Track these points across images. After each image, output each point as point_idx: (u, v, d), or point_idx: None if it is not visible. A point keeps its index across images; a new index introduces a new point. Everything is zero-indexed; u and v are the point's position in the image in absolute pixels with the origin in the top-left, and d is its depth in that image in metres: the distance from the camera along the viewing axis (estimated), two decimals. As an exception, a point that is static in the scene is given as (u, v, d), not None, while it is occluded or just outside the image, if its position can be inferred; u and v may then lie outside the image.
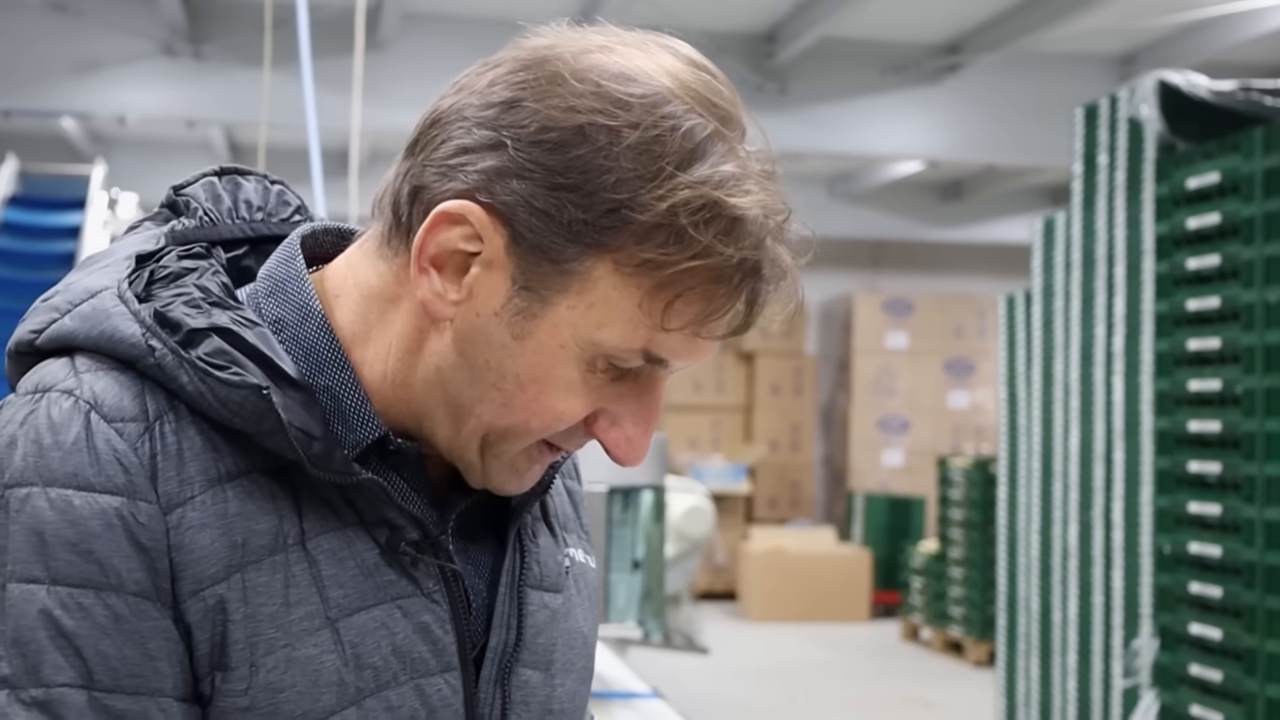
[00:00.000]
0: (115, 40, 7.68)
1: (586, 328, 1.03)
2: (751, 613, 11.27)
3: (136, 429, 1.02)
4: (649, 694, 2.92)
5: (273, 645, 1.02)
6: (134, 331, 1.04)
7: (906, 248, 13.70)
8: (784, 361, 13.11)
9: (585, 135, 1.01)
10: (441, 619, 1.10)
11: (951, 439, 12.85)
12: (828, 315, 13.73)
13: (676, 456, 12.57)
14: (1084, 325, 5.03)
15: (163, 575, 1.00)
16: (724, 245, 1.00)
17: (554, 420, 1.06)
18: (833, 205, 12.61)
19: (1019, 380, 5.75)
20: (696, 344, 1.04)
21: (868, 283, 13.71)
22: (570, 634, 1.20)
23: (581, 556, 1.27)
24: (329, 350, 1.10)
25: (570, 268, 1.02)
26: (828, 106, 8.56)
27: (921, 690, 8.78)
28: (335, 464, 1.04)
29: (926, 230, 12.89)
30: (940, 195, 12.75)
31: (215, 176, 1.20)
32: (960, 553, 9.72)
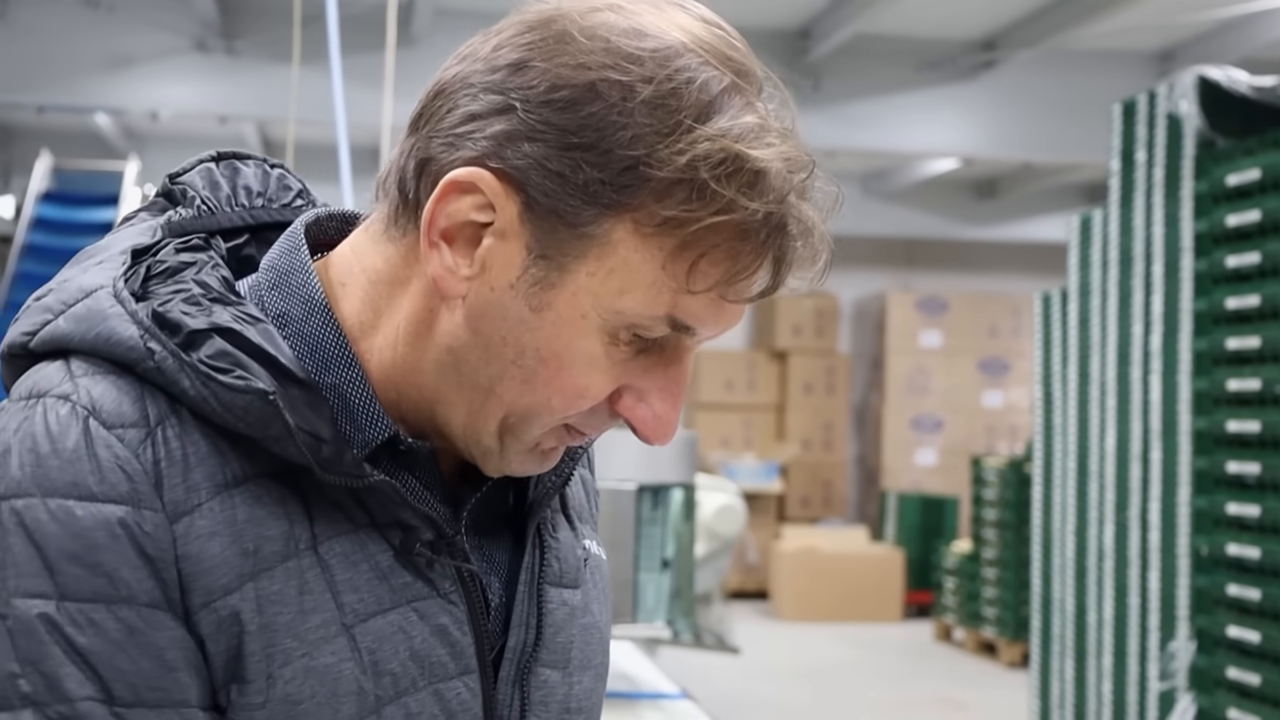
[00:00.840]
0: (148, 36, 7.69)
1: (608, 295, 0.98)
2: (783, 612, 11.23)
3: (138, 435, 0.97)
4: (678, 695, 2.89)
5: (290, 655, 0.98)
6: (132, 334, 0.99)
7: (941, 246, 13.62)
8: (817, 360, 13.05)
9: (598, 92, 0.97)
10: (459, 620, 1.06)
11: (986, 438, 12.77)
12: (861, 314, 13.67)
13: (708, 455, 12.54)
14: (1121, 324, 4.98)
15: (171, 586, 0.96)
16: (748, 199, 0.95)
17: (576, 397, 1.01)
18: (867, 203, 12.55)
19: (1055, 379, 5.70)
20: (724, 308, 1.00)
21: (902, 281, 13.64)
22: (587, 630, 1.17)
23: (595, 548, 1.23)
24: (335, 346, 1.05)
25: (588, 231, 0.97)
26: (862, 103, 8.51)
27: (954, 691, 8.72)
28: (345, 466, 1.00)
29: (961, 228, 12.81)
30: (975, 193, 12.67)
31: (213, 162, 1.15)
32: (994, 553, 9.66)
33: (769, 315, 13.14)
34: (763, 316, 13.33)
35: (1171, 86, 4.61)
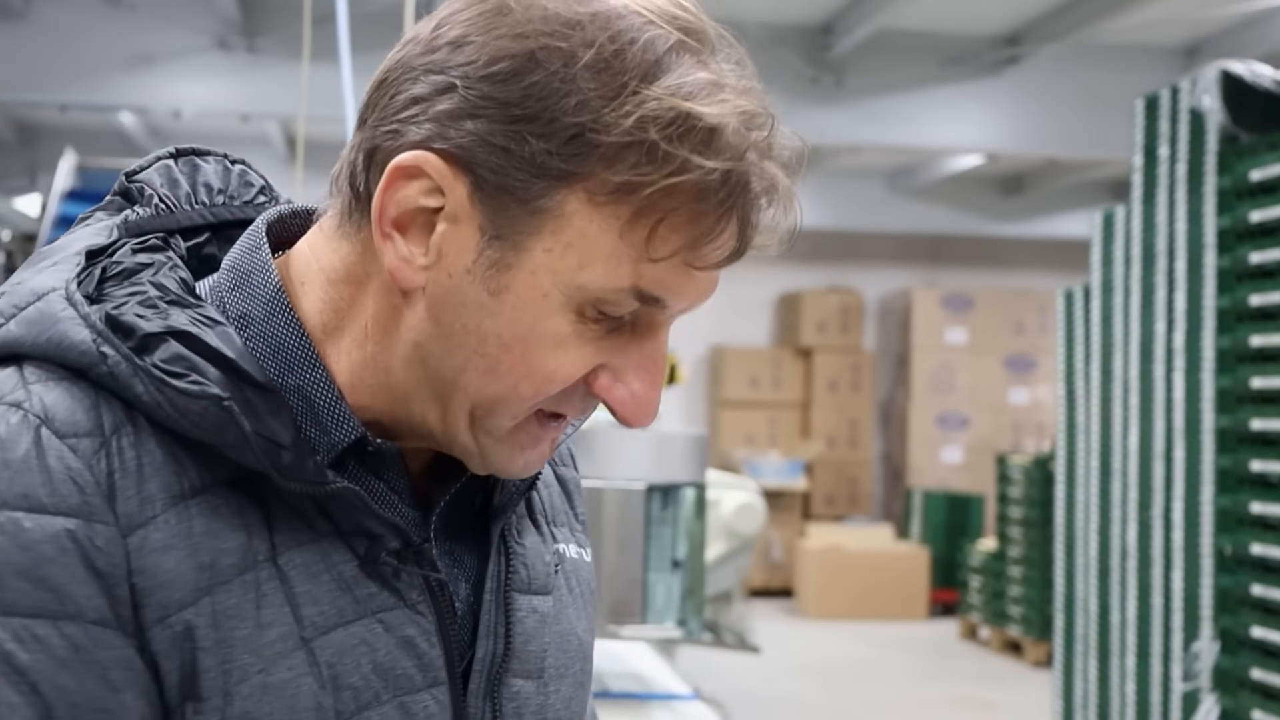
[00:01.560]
0: (170, 34, 7.70)
1: (567, 271, 0.94)
2: (808, 610, 11.19)
3: (91, 445, 0.93)
4: (689, 695, 2.86)
5: (246, 672, 0.94)
6: (84, 337, 0.95)
7: (967, 242, 13.55)
8: (842, 357, 13.01)
9: (538, 61, 0.94)
10: (427, 631, 1.02)
11: (1012, 436, 12.71)
12: (886, 311, 13.62)
13: (732, 453, 12.51)
14: (1144, 321, 4.94)
15: (122, 602, 0.92)
16: (703, 158, 0.92)
17: (545, 381, 0.97)
18: (892, 199, 12.50)
19: (1077, 377, 5.65)
20: (692, 276, 0.96)
21: (927, 278, 13.58)
22: (562, 638, 1.13)
23: (574, 551, 1.19)
24: (298, 347, 1.02)
25: (540, 205, 0.94)
26: (885, 99, 8.46)
27: (978, 691, 8.68)
28: (307, 473, 0.96)
29: (987, 225, 12.74)
30: (1001, 189, 12.60)
31: (171, 159, 1.12)
32: (1019, 551, 9.61)
33: (794, 312, 13.10)
34: (787, 313, 13.29)
35: (1194, 81, 4.56)
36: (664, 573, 2.77)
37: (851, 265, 13.57)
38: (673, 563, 2.78)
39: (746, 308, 13.45)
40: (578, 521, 1.23)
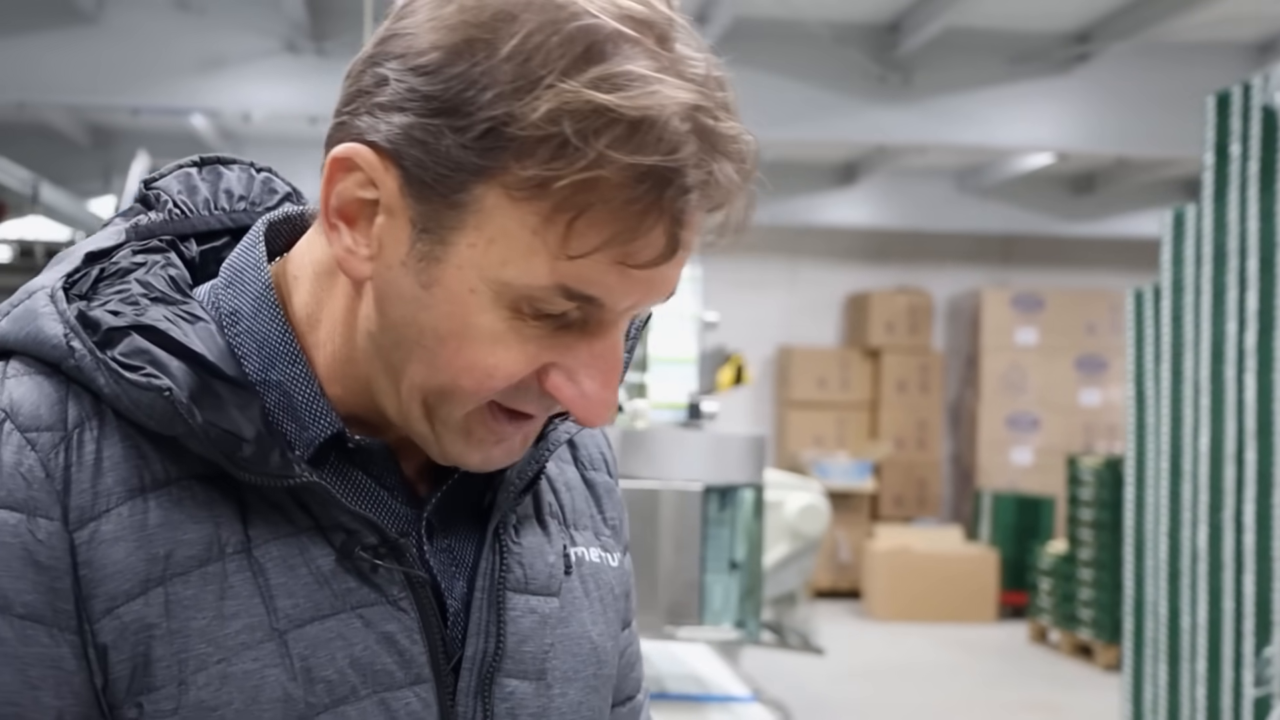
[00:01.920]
0: (239, 38, 7.77)
1: (490, 267, 0.94)
2: (876, 612, 11.14)
3: (51, 439, 0.96)
4: (748, 697, 2.85)
5: (204, 661, 0.95)
6: (57, 332, 0.98)
7: (1037, 242, 13.43)
8: (911, 358, 12.93)
9: (461, 52, 0.93)
10: (409, 628, 1.02)
11: (1083, 437, 12.57)
12: (955, 311, 13.52)
13: (800, 454, 12.47)
14: (1215, 321, 4.87)
15: (62, 596, 0.94)
16: (621, 153, 0.89)
17: (485, 377, 0.97)
18: (961, 199, 12.40)
19: (1147, 378, 5.58)
20: (628, 275, 0.94)
21: (997, 278, 13.46)
22: (571, 641, 1.12)
23: (596, 555, 1.18)
24: (282, 342, 1.03)
25: (460, 199, 0.93)
26: (953, 98, 8.39)
27: (1048, 694, 8.59)
28: (271, 466, 0.97)
29: (1058, 224, 12.61)
30: (1072, 188, 12.47)
31: (195, 167, 1.14)
32: (1090, 554, 9.51)
33: (862, 312, 13.04)
34: (855, 314, 13.23)
35: (1266, 78, 4.49)
36: (721, 574, 2.76)
37: (920, 265, 13.49)
38: (730, 564, 2.77)
39: (814, 308, 13.40)
40: (606, 526, 1.22)
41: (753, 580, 2.81)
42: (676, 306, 3.34)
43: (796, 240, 13.19)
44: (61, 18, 7.69)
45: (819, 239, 13.21)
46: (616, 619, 1.20)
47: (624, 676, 1.28)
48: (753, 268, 13.13)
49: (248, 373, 1.02)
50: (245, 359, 1.03)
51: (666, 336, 3.24)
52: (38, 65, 7.82)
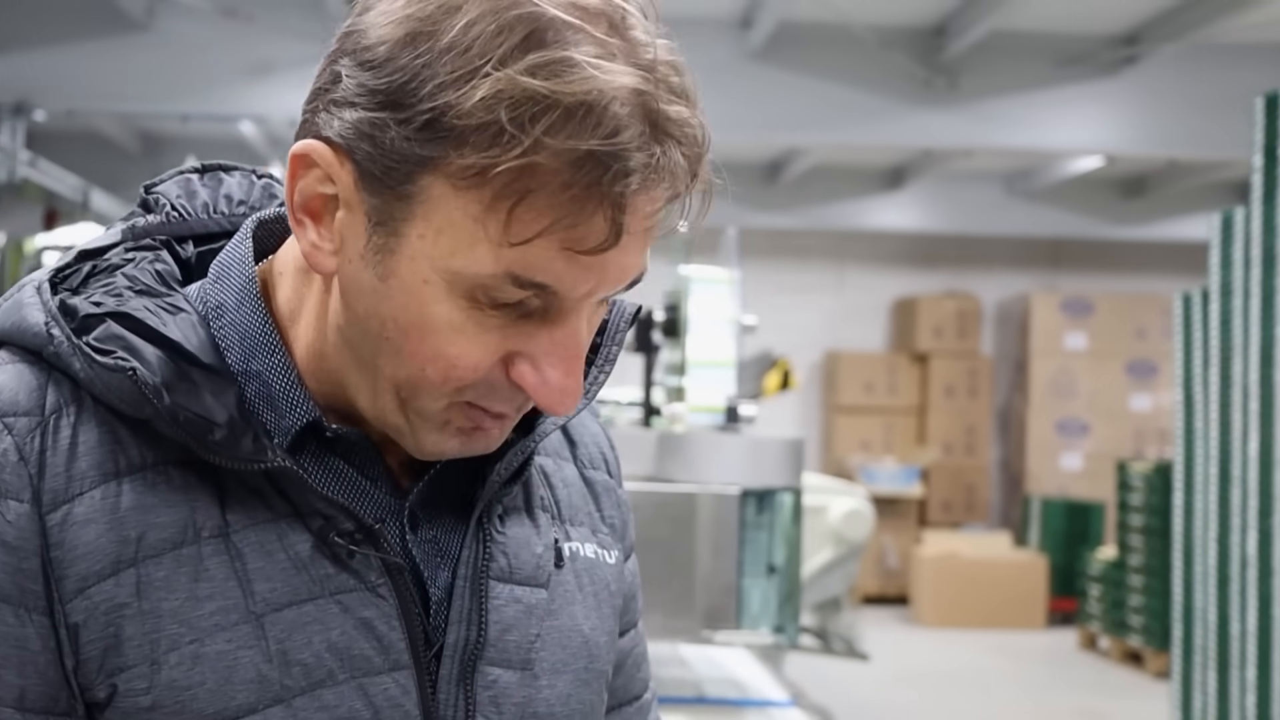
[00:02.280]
0: (286, 44, 7.81)
1: (440, 257, 0.95)
2: (923, 618, 11.08)
3: (28, 424, 0.99)
4: (786, 702, 2.84)
5: (176, 641, 0.98)
6: (38, 320, 1.02)
7: (1087, 246, 13.33)
8: (959, 362, 12.86)
9: (405, 45, 0.94)
10: (387, 614, 1.03)
11: (1134, 443, 12.47)
12: (1004, 315, 13.45)
13: (847, 458, 12.43)
14: (1264, 325, 4.81)
15: (30, 576, 0.97)
16: (557, 139, 0.90)
17: (450, 367, 0.98)
18: (1010, 203, 12.33)
19: (1195, 382, 5.53)
20: (576, 261, 0.95)
21: (1046, 282, 13.38)
22: (561, 633, 1.13)
23: (592, 551, 1.19)
24: (263, 333, 1.06)
25: (407, 191, 0.95)
26: (1000, 101, 8.34)
27: (1096, 702, 8.53)
28: (242, 451, 0.99)
29: (1108, 228, 12.52)
30: (1122, 191, 12.38)
31: (196, 173, 1.16)
32: (1140, 560, 9.43)
33: (909, 317, 12.99)
34: (903, 318, 13.18)
35: (1315, 78, 4.45)
36: (759, 578, 2.75)
37: (968, 269, 13.42)
38: (768, 568, 2.76)
39: (861, 313, 13.36)
40: (604, 524, 1.23)
41: (791, 584, 2.80)
42: (715, 310, 3.34)
43: (843, 245, 13.16)
44: (111, 26, 7.76)
45: (866, 243, 13.17)
46: (612, 614, 1.21)
47: (630, 677, 1.29)
48: (799, 272, 13.11)
49: (230, 363, 1.05)
50: (228, 350, 1.05)
51: (704, 340, 3.24)
52: (88, 73, 7.89)
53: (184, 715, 0.98)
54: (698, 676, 2.96)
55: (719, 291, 3.34)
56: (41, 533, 0.97)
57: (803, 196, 12.02)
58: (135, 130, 10.78)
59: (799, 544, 2.80)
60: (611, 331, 1.15)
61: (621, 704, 1.28)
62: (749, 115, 8.28)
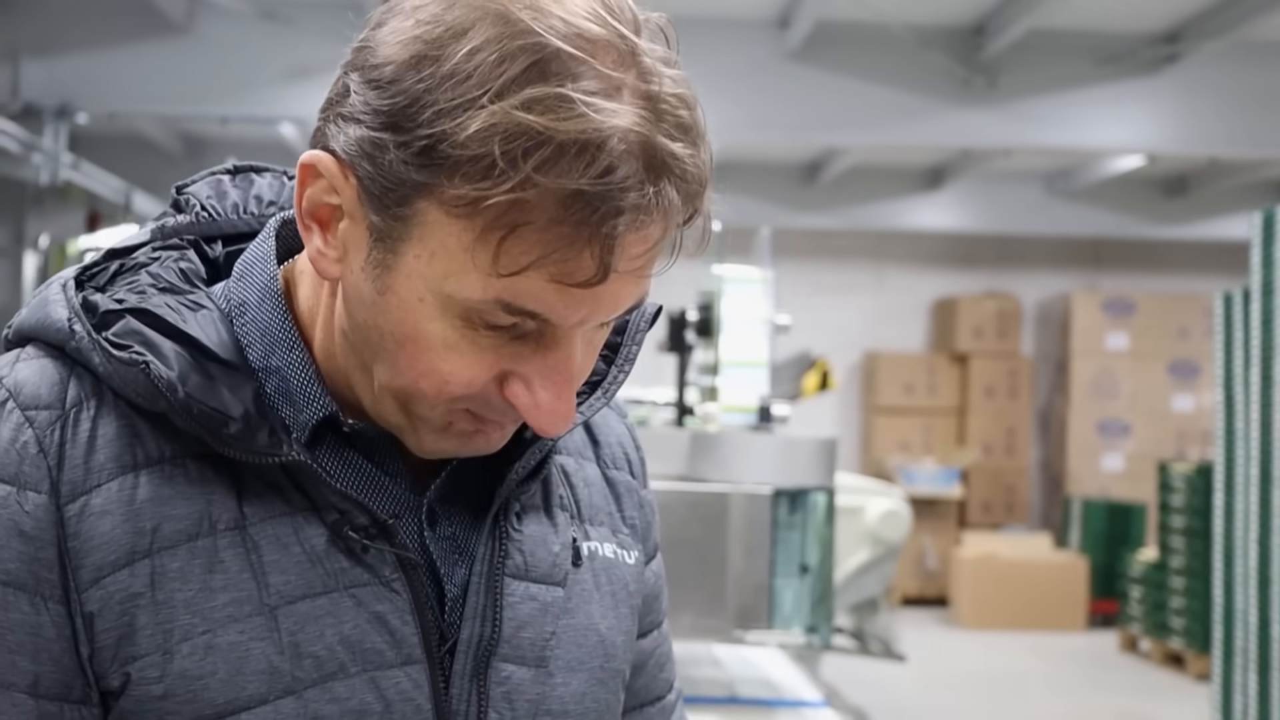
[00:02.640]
0: (325, 46, 7.82)
1: (434, 279, 0.96)
2: (963, 620, 11.04)
3: (49, 417, 1.01)
4: (819, 702, 2.83)
5: (189, 631, 0.99)
6: (61, 316, 1.04)
7: (1129, 245, 13.25)
8: (999, 363, 12.80)
9: (410, 68, 0.95)
10: (400, 609, 1.04)
11: (1176, 443, 12.38)
12: (1045, 316, 13.38)
13: (886, 459, 12.39)
14: (1305, 324, 4.78)
15: (46, 565, 0.99)
16: (548, 177, 0.91)
17: (443, 383, 0.99)
18: (1050, 203, 12.26)
19: (1236, 382, 5.49)
20: (568, 294, 0.95)
21: (1087, 282, 13.30)
22: (577, 631, 1.13)
23: (611, 551, 1.19)
24: (282, 330, 1.07)
25: (403, 213, 0.96)
26: (1040, 100, 8.30)
27: (1137, 705, 8.47)
28: (257, 444, 1.01)
29: (1149, 227, 12.43)
30: (1164, 190, 12.30)
31: (227, 174, 1.18)
32: (1181, 561, 9.37)
33: (949, 317, 12.94)
34: (943, 318, 13.13)
35: (1356, 75, 4.41)
36: (792, 578, 2.75)
37: (1008, 269, 13.36)
38: (801, 568, 2.75)
39: (900, 313, 13.32)
40: (624, 525, 1.24)
41: (824, 585, 2.79)
42: (748, 310, 3.33)
43: (882, 245, 13.12)
44: (152, 30, 7.81)
45: (905, 243, 13.13)
46: (630, 614, 1.22)
47: (653, 677, 1.30)
48: (838, 273, 13.08)
49: (251, 360, 1.06)
50: (249, 347, 1.07)
51: (737, 340, 3.24)
52: (129, 76, 7.95)
53: (196, 704, 0.99)
54: (730, 676, 2.96)
55: (752, 291, 3.34)
56: (59, 523, 0.99)
57: (841, 197, 11.99)
58: (176, 132, 10.86)
59: (832, 544, 2.79)
60: (632, 331, 1.16)
61: (643, 704, 1.29)
62: (787, 116, 8.27)
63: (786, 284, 11.22)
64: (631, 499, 1.26)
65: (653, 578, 1.29)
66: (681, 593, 2.57)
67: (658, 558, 1.32)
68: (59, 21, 7.76)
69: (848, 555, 5.36)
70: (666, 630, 1.34)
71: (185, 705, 0.99)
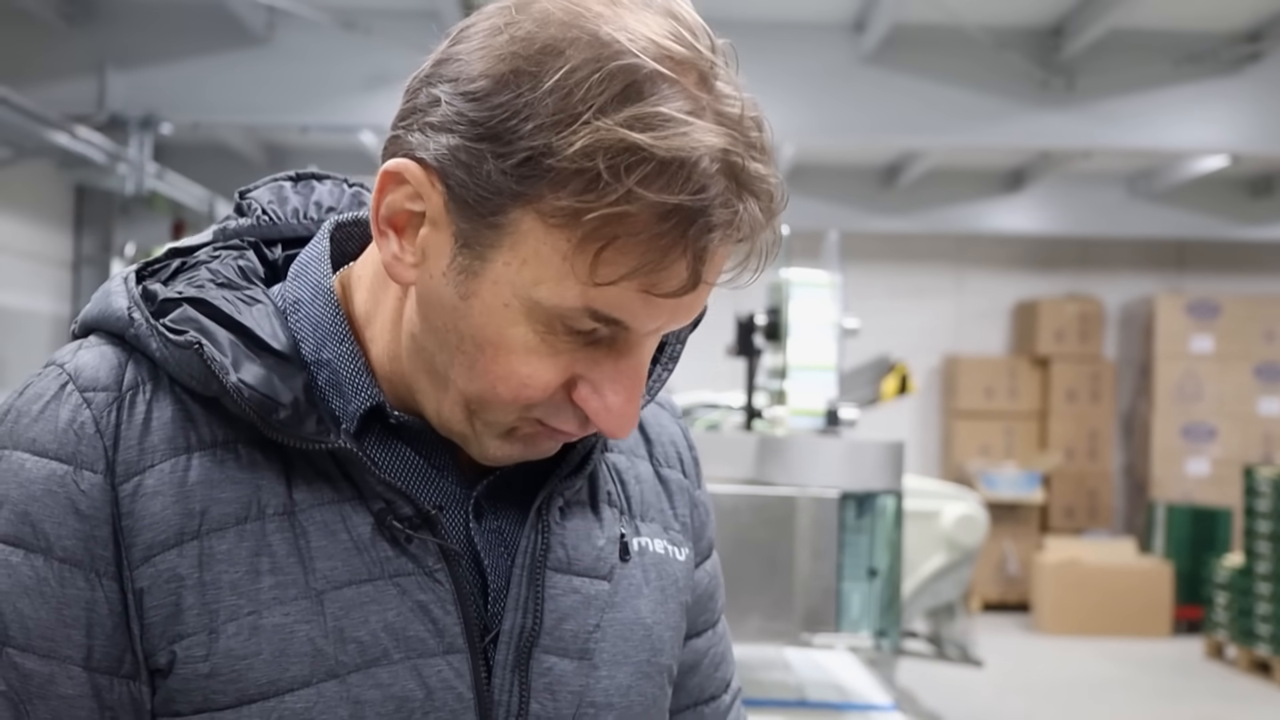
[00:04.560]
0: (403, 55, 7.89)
1: (524, 285, 0.99)
2: (1045, 626, 10.94)
3: (106, 398, 1.05)
4: (888, 705, 2.83)
5: (235, 612, 1.02)
6: (122, 306, 1.08)
7: (1213, 247, 13.07)
8: (1081, 366, 12.67)
9: (508, 83, 0.98)
10: (443, 599, 1.07)
11: (1263, 447, 12.20)
12: (1128, 318, 13.23)
13: (966, 464, 12.30)
14: (1388, 325, 4.70)
15: (101, 543, 1.02)
16: (650, 191, 0.95)
17: (521, 386, 1.02)
18: (1132, 204, 12.12)
19: (1319, 385, 5.41)
20: (652, 303, 0.99)
21: (1170, 284, 13.14)
22: (623, 625, 1.15)
23: (661, 547, 1.21)
24: (334, 325, 1.10)
25: (498, 221, 0.99)
26: (1119, 101, 8.21)
27: (1222, 712, 8.36)
28: (305, 431, 1.04)
29: (1235, 228, 12.25)
30: (1250, 191, 12.12)
31: (289, 181, 1.22)
32: (1268, 567, 9.24)
33: (1030, 320, 12.83)
34: (1024, 321, 13.02)
35: None
36: (860, 582, 2.75)
37: (1090, 272, 13.22)
38: (870, 572, 2.75)
39: (981, 317, 13.22)
40: (675, 521, 1.25)
41: (892, 589, 2.79)
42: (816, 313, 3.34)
43: (963, 248, 13.03)
44: (233, 40, 7.93)
45: (986, 246, 13.03)
46: (679, 610, 1.23)
47: (708, 676, 1.31)
48: (918, 276, 13.01)
49: (304, 353, 1.10)
50: (302, 341, 1.10)
51: (805, 343, 3.24)
52: (212, 86, 8.07)
53: (240, 684, 1.02)
54: (800, 680, 2.96)
55: (821, 295, 3.34)
56: (114, 502, 1.03)
57: (920, 199, 11.92)
58: (258, 141, 11.00)
59: (900, 548, 2.79)
60: (677, 330, 1.17)
61: (698, 703, 1.30)
62: (863, 119, 8.24)
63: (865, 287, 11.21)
64: (683, 497, 1.28)
65: (706, 577, 1.31)
66: (748, 596, 2.58)
67: (713, 557, 1.33)
68: (143, 34, 7.90)
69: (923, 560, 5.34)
70: (722, 630, 1.35)
71: (230, 685, 1.02)
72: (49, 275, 9.92)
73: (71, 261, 10.22)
